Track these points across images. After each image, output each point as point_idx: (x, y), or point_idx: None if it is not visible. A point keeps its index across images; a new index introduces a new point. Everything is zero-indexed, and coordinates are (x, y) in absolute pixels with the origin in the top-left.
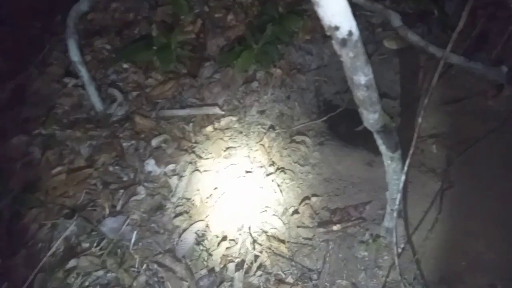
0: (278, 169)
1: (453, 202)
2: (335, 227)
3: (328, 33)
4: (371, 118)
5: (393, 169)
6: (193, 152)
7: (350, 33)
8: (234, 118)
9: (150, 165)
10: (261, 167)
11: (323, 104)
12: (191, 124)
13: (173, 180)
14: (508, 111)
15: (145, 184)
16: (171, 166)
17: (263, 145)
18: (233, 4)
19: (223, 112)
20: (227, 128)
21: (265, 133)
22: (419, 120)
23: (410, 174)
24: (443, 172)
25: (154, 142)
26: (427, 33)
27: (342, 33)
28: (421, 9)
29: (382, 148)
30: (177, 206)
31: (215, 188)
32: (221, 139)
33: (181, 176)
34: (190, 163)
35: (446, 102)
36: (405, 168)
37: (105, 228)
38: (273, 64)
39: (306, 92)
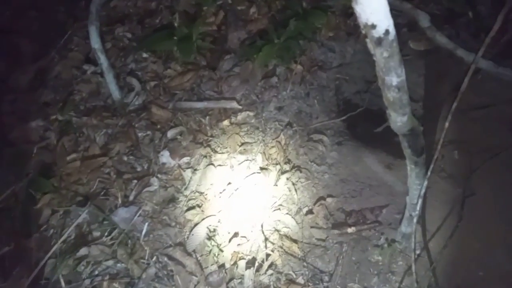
0: (293, 167)
1: (474, 210)
2: (349, 230)
3: (363, 31)
4: (399, 120)
5: (416, 173)
6: (209, 145)
7: (386, 32)
8: (251, 113)
9: (165, 157)
10: (276, 164)
11: (342, 103)
12: (207, 117)
13: (187, 173)
14: None
15: (159, 175)
16: (185, 159)
17: (279, 142)
18: None
19: (240, 107)
20: (243, 123)
21: (282, 130)
22: (446, 124)
23: (430, 180)
24: (465, 179)
25: (170, 134)
26: (455, 36)
27: (378, 32)
28: (450, 11)
29: (407, 151)
30: (189, 199)
31: (229, 184)
32: (237, 134)
33: (195, 170)
34: (205, 156)
35: (471, 108)
36: (428, 173)
37: (117, 218)
38: (294, 60)
39: (326, 90)
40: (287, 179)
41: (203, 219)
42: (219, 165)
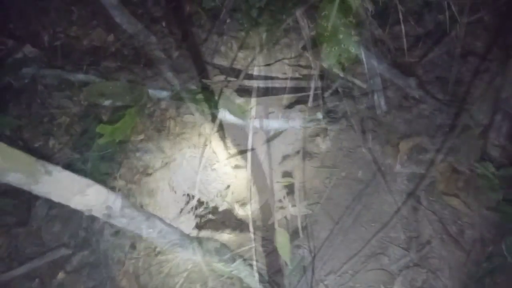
0: None
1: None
2: None
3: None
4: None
5: None
6: None
7: (108, 208)
8: (86, 253)
9: None
10: None
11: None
12: (37, 280)
13: None
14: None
15: None
16: None
17: (127, 271)
18: (51, 127)
19: (71, 251)
20: (82, 267)
21: (125, 256)
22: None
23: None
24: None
25: None
26: None
27: (100, 210)
28: None
29: None
30: None
31: None
32: (78, 282)
33: None
34: None
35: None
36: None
37: None
38: (113, 177)
39: (157, 192)
40: None
41: None
42: None
